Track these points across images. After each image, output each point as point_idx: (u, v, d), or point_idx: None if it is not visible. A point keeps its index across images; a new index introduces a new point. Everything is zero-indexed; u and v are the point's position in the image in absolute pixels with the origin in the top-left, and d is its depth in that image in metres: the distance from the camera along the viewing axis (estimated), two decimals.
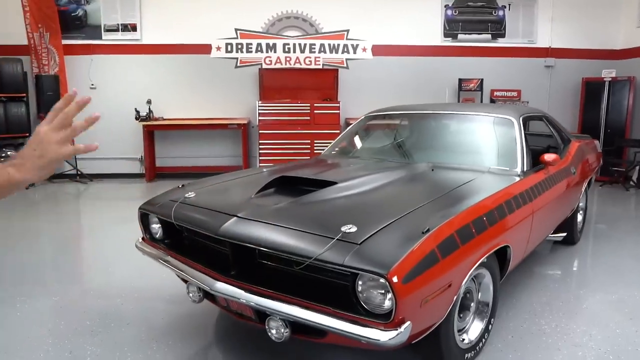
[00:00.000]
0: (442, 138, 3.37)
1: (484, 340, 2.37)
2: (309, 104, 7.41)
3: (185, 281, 2.41)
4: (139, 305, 3.01)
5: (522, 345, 2.50)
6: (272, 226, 2.00)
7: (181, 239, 2.59)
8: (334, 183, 2.40)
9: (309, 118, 7.44)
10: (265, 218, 2.07)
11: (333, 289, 1.87)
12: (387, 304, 1.68)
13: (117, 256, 4.07)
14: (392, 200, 2.31)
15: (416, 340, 1.94)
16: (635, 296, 3.16)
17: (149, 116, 7.47)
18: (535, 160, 3.07)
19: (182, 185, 2.77)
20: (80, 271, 3.83)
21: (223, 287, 2.05)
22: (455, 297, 1.96)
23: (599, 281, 3.43)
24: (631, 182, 7.26)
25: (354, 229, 1.83)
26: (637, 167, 7.31)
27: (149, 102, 7.46)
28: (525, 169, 2.88)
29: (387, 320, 1.66)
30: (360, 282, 1.72)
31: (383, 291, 1.68)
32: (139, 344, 2.53)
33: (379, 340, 1.63)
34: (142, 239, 2.71)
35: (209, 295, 2.31)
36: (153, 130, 7.73)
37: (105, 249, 4.29)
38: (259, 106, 7.35)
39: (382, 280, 1.66)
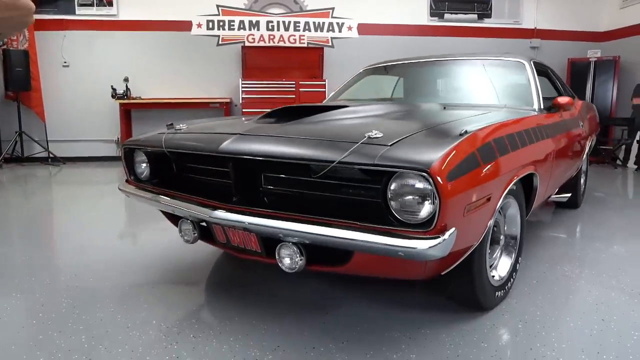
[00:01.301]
0: (451, 83, 3.15)
1: (512, 280, 2.15)
2: (294, 82, 7.15)
3: (177, 222, 2.13)
4: (119, 264, 2.68)
5: (550, 289, 2.29)
6: (282, 138, 1.74)
7: (171, 178, 2.30)
8: (345, 107, 2.15)
9: (294, 96, 7.17)
10: (273, 133, 1.80)
11: (356, 206, 1.62)
12: (427, 209, 1.43)
13: (91, 227, 3.74)
14: (414, 119, 2.07)
15: (449, 269, 1.71)
16: None
17: (126, 94, 7.09)
18: None
19: (171, 124, 2.46)
20: (51, 239, 3.48)
21: (224, 215, 1.77)
22: (492, 217, 1.73)
23: (611, 236, 3.27)
24: (618, 161, 7.22)
25: (380, 134, 1.58)
26: (624, 146, 7.28)
27: (126, 79, 7.08)
28: (541, 107, 2.69)
29: (427, 228, 1.41)
30: (392, 187, 1.47)
31: (422, 195, 1.43)
32: (121, 296, 2.21)
33: (415, 248, 1.37)
34: (126, 180, 2.41)
35: (204, 234, 2.03)
36: (130, 110, 7.34)
37: (77, 222, 3.94)
38: (242, 84, 7.04)
39: (420, 183, 1.42)
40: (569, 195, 3.79)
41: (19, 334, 1.84)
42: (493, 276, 2.01)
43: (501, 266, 2.10)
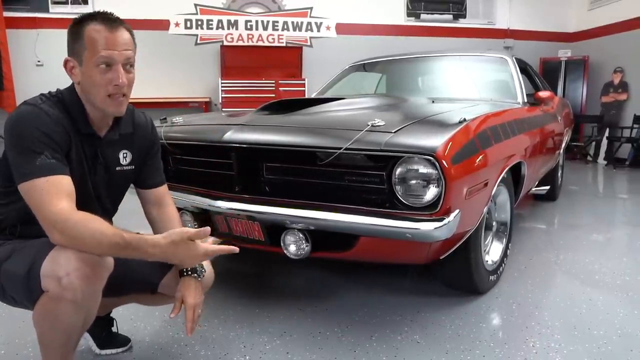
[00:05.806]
0: (437, 78, 3.23)
1: (503, 265, 2.24)
2: (273, 81, 7.17)
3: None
4: None
5: (538, 274, 2.39)
6: (287, 128, 1.77)
7: (165, 172, 2.30)
8: (341, 99, 2.20)
9: (274, 95, 7.15)
10: (275, 123, 1.84)
11: (358, 192, 1.66)
12: (432, 192, 1.49)
13: None
14: (409, 110, 2.14)
15: (447, 253, 1.77)
16: (629, 235, 3.17)
17: None
18: None
19: (164, 118, 2.46)
20: None
21: (230, 204, 1.80)
22: (488, 202, 1.81)
23: (589, 225, 3.42)
24: (588, 157, 7.49)
25: (382, 122, 1.63)
26: (594, 143, 7.55)
27: None
28: (525, 101, 2.80)
29: (432, 210, 1.47)
30: (397, 172, 1.52)
31: (427, 178, 1.49)
32: None
33: (422, 229, 1.43)
34: None
35: (204, 226, 2.04)
36: None
37: None
38: (221, 83, 7.03)
39: (426, 167, 1.48)
40: (548, 187, 3.94)
41: (20, 329, 1.82)
42: (487, 261, 2.09)
43: (493, 251, 2.18)
